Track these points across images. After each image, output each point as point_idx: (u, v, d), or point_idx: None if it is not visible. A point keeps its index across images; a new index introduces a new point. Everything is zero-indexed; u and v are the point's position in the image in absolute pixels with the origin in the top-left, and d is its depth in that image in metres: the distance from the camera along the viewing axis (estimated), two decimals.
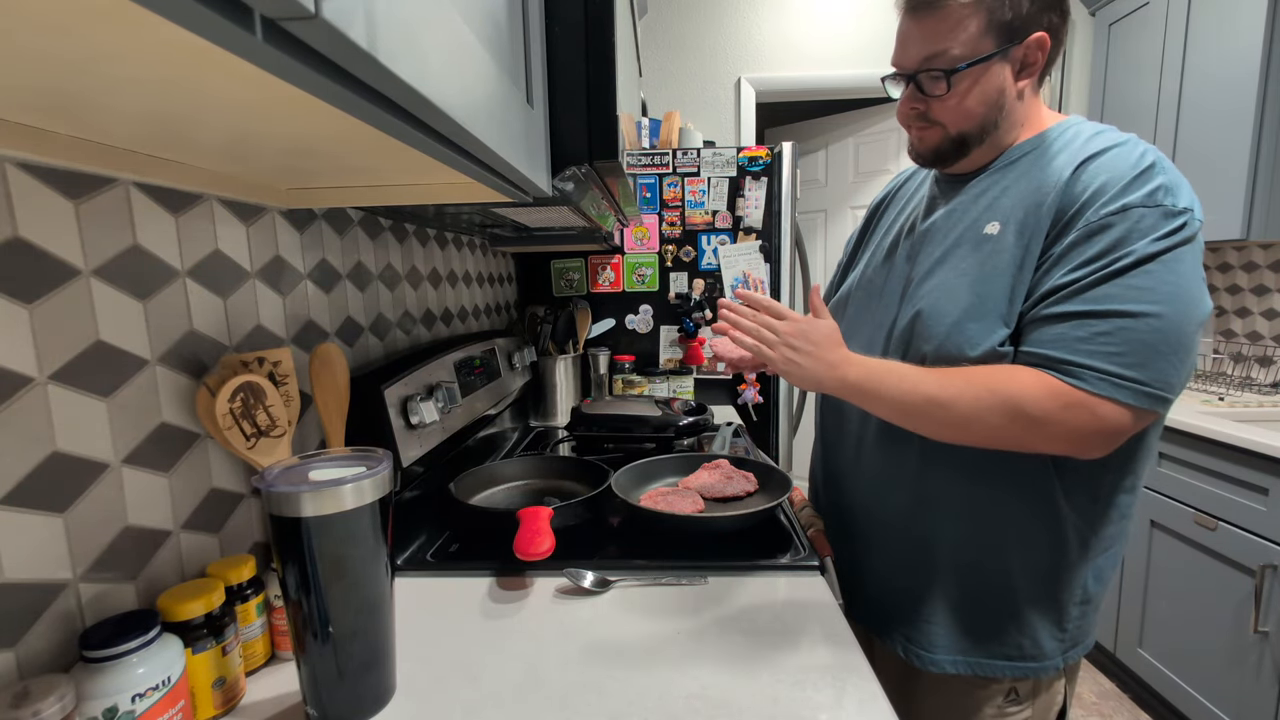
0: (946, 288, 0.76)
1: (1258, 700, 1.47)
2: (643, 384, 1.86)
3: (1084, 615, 0.78)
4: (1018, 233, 0.72)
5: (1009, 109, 0.75)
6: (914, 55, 0.74)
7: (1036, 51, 0.72)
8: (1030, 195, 0.72)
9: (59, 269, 0.50)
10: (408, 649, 0.65)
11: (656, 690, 0.59)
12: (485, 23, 0.47)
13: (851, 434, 0.89)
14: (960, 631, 0.79)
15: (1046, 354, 0.67)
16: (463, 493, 0.99)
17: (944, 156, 0.80)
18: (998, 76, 0.73)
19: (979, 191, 0.79)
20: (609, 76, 0.69)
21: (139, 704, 0.48)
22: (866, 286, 0.91)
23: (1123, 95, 2.28)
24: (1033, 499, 0.75)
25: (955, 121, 0.76)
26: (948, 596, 0.80)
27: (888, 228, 0.93)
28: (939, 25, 0.72)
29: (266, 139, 0.48)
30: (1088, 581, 0.77)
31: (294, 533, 0.51)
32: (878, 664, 0.88)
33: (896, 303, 0.83)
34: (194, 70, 0.31)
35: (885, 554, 0.86)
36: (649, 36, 2.62)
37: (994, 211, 0.75)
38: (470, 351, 1.16)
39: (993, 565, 0.77)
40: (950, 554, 0.79)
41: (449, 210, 0.96)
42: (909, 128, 0.81)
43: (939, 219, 0.82)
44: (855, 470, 0.89)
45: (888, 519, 0.85)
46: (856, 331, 0.87)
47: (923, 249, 0.82)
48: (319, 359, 0.75)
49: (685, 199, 1.82)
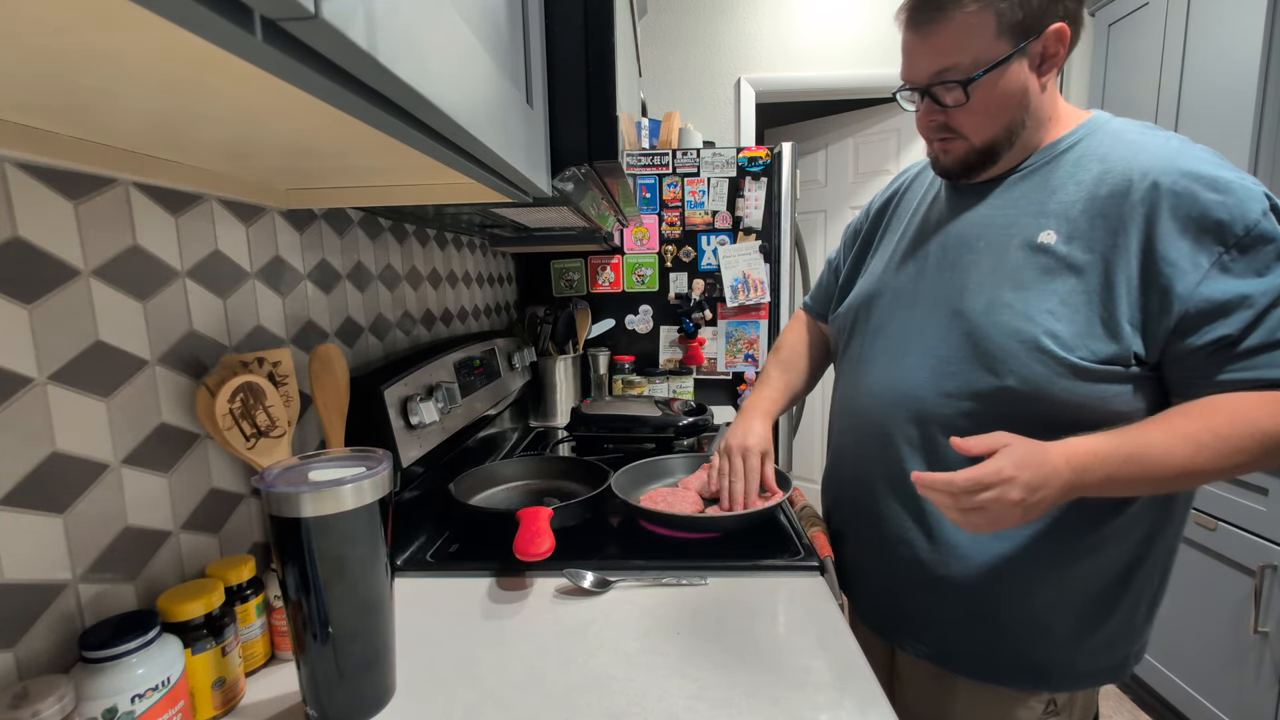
0: (1013, 308, 0.69)
1: (1258, 700, 1.47)
2: (643, 384, 1.86)
3: (1137, 634, 0.77)
4: (1085, 241, 0.67)
5: (1034, 107, 0.71)
6: (923, 70, 0.70)
7: (1056, 44, 0.67)
8: (1091, 198, 0.68)
9: (59, 269, 0.50)
10: (408, 649, 0.65)
11: (656, 690, 0.59)
12: (485, 23, 0.47)
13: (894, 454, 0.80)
14: (1013, 649, 0.75)
15: (1268, 376, 0.62)
16: (463, 493, 0.99)
17: (972, 168, 0.75)
18: (1018, 76, 0.68)
19: (1018, 195, 0.73)
20: (609, 76, 0.69)
21: (139, 704, 0.48)
22: (894, 294, 0.83)
23: (1122, 95, 2.28)
24: (1111, 522, 0.71)
25: (979, 131, 0.72)
26: (1008, 615, 0.74)
27: (903, 229, 0.87)
28: (946, 37, 0.67)
29: (266, 139, 0.48)
30: (1142, 602, 0.76)
31: (294, 533, 0.51)
32: (904, 674, 0.87)
33: (942, 319, 0.76)
34: (194, 70, 0.31)
35: (938, 572, 0.77)
36: (649, 36, 2.62)
37: (1045, 217, 0.70)
38: (470, 352, 1.16)
39: (1054, 586, 0.73)
40: (1017, 572, 0.73)
41: (449, 210, 0.96)
42: (930, 141, 0.77)
43: (974, 224, 0.76)
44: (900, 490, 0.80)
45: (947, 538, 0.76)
46: (891, 344, 0.81)
47: (961, 258, 0.76)
48: (319, 359, 0.75)
49: (685, 199, 1.82)
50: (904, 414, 0.78)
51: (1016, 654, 0.75)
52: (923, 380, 0.76)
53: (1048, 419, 0.67)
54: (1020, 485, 0.60)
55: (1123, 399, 0.68)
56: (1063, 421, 0.66)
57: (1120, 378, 0.67)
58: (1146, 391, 0.68)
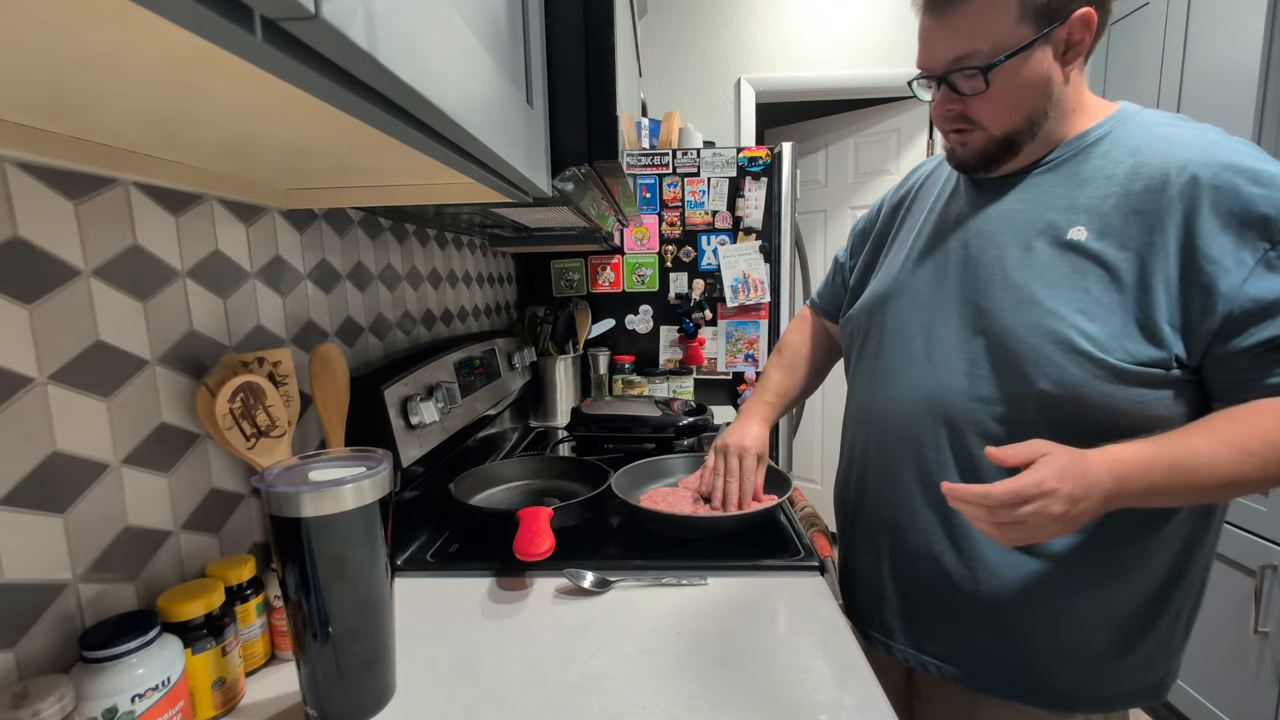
0: (1044, 306, 0.67)
1: (1258, 700, 1.47)
2: (643, 384, 1.86)
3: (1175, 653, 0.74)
4: (1119, 239, 0.64)
5: (1057, 97, 0.67)
6: (942, 56, 0.67)
7: (1083, 30, 0.64)
8: (1125, 193, 0.65)
9: (59, 269, 0.50)
10: (408, 649, 0.65)
11: (656, 690, 0.59)
12: (485, 23, 0.47)
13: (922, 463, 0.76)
14: (1045, 669, 0.72)
15: None
16: (463, 493, 0.99)
17: (991, 160, 0.72)
18: (1041, 64, 0.65)
19: (1044, 189, 0.70)
20: (609, 76, 0.69)
21: (139, 704, 0.48)
22: (913, 295, 0.80)
23: (1123, 95, 2.26)
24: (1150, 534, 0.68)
25: (999, 121, 0.68)
26: (1040, 633, 0.72)
27: (918, 227, 0.84)
28: (966, 21, 0.64)
29: (266, 139, 0.48)
30: (1181, 620, 0.73)
31: (294, 533, 0.51)
32: (924, 692, 0.83)
33: (967, 318, 0.73)
34: (194, 70, 0.31)
35: (967, 588, 0.74)
36: (649, 36, 2.62)
37: (1074, 213, 0.67)
38: (470, 352, 1.16)
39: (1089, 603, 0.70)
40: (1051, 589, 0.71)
41: (449, 210, 0.96)
42: (946, 133, 0.74)
43: (998, 219, 0.73)
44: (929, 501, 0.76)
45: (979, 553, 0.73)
46: (912, 346, 0.78)
47: (985, 254, 0.73)
48: (319, 359, 0.75)
49: (685, 199, 1.82)
50: (932, 420, 0.75)
51: (1048, 674, 0.72)
52: (951, 384, 0.73)
53: (1087, 425, 0.64)
54: (1062, 498, 0.56)
55: (1163, 404, 0.64)
56: (1102, 428, 0.63)
57: (1160, 381, 0.63)
58: (1188, 396, 0.65)
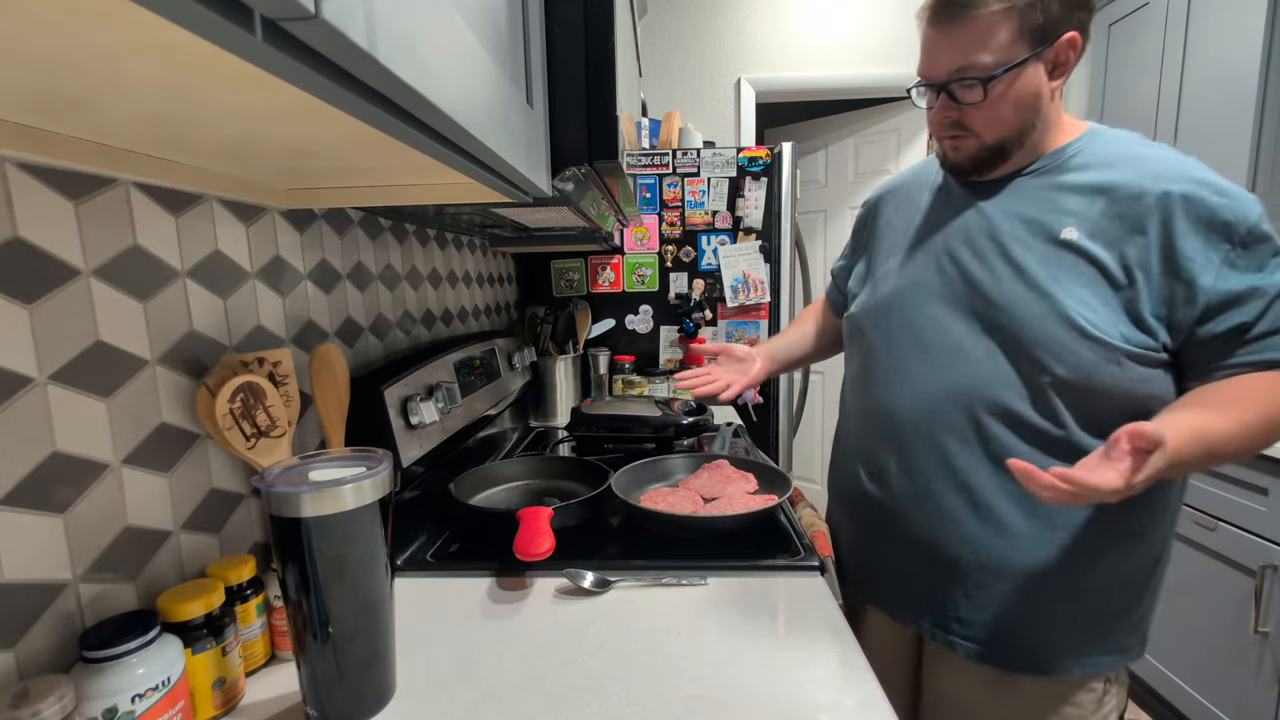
0: (1053, 296, 0.72)
1: (1258, 700, 1.47)
2: (643, 384, 1.86)
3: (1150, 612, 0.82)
4: (1106, 239, 0.71)
5: (1044, 110, 0.74)
6: (944, 66, 0.73)
7: (1069, 51, 0.71)
8: (1109, 200, 0.72)
9: (59, 269, 0.50)
10: (408, 649, 0.65)
11: (656, 690, 0.59)
12: (485, 23, 0.47)
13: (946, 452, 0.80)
14: (1082, 637, 0.78)
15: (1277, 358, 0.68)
16: (463, 493, 0.99)
17: (981, 165, 0.78)
18: (1033, 79, 0.71)
19: (1034, 192, 0.77)
20: (609, 76, 0.69)
21: (139, 704, 0.48)
22: (914, 291, 0.84)
23: (1123, 95, 2.28)
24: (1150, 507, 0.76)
25: (992, 129, 0.74)
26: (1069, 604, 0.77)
27: (908, 227, 0.88)
28: (969, 35, 0.70)
29: (266, 139, 0.48)
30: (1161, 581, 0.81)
31: (294, 533, 0.51)
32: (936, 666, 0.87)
33: (978, 311, 0.77)
34: (194, 71, 0.31)
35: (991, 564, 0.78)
36: (649, 36, 2.62)
37: (1064, 215, 0.74)
38: (470, 352, 1.16)
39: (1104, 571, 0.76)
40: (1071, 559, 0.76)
41: (449, 210, 0.96)
42: (941, 138, 0.79)
43: (996, 216, 0.78)
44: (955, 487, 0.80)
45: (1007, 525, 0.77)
46: (923, 340, 0.81)
47: (988, 248, 0.78)
48: (319, 359, 0.75)
49: (685, 199, 1.82)
50: (956, 411, 0.78)
51: (1070, 642, 0.78)
52: (973, 375, 0.77)
53: (1102, 407, 0.71)
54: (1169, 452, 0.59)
55: (1159, 383, 0.72)
56: (1119, 409, 0.70)
57: (1155, 363, 0.71)
58: (1173, 375, 0.73)
